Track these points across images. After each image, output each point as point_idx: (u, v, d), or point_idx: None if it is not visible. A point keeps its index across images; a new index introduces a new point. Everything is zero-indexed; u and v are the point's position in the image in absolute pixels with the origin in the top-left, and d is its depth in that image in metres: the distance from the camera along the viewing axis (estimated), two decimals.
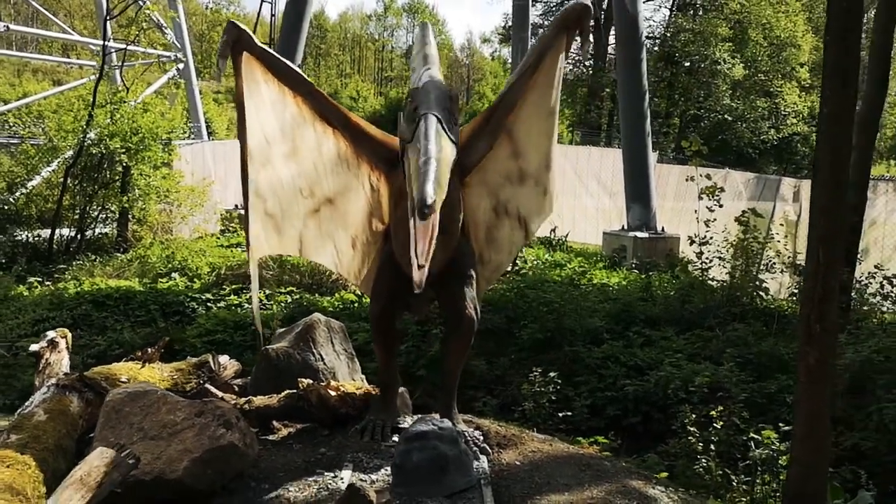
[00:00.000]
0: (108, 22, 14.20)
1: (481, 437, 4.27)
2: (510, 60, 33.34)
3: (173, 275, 11.34)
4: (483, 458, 4.04)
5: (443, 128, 3.50)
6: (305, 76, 4.49)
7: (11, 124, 16.23)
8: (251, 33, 4.33)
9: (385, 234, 4.49)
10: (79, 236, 13.07)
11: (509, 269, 12.30)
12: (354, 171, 4.46)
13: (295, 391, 4.45)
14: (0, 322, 7.37)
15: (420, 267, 3.16)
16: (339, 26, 70.18)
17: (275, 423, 4.45)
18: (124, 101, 13.34)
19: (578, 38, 4.22)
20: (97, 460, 3.08)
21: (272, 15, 21.06)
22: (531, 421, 6.48)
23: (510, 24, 34.46)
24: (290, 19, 14.73)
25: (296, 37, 14.38)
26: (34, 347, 4.69)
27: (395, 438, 4.15)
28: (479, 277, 4.40)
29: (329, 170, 4.44)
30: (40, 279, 11.05)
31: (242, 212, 5.42)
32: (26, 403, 3.98)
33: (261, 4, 20.11)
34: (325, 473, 3.82)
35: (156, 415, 3.59)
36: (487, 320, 8.91)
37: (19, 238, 12.66)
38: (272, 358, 4.87)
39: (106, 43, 14.11)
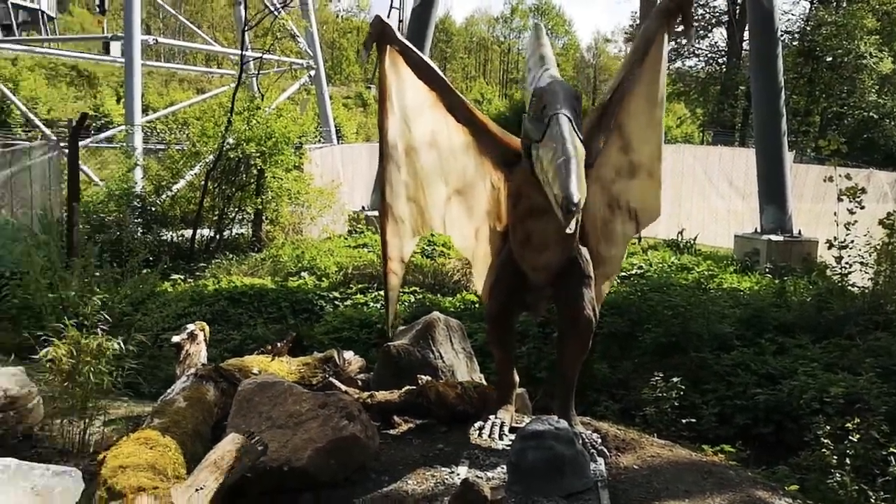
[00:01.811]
0: (245, 33, 14.91)
1: (599, 440, 4.23)
2: None
3: (303, 274, 11.79)
4: (600, 460, 4.00)
5: (573, 127, 3.52)
6: (440, 71, 4.63)
7: (160, 131, 17.29)
8: (394, 28, 4.53)
9: (503, 234, 4.53)
10: (217, 236, 13.78)
11: (632, 271, 12.06)
12: (478, 167, 4.54)
13: (414, 387, 4.56)
14: (147, 315, 7.85)
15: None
16: (464, 30, 70.82)
17: (395, 417, 4.56)
18: (259, 108, 13.98)
19: (681, 26, 4.16)
20: (230, 445, 3.26)
21: (399, 21, 21.53)
22: (652, 426, 6.34)
23: (637, 22, 33.75)
24: (417, 24, 15.02)
25: (421, 41, 14.64)
26: (175, 339, 5.01)
27: (512, 437, 4.17)
28: (597, 277, 4.37)
29: (459, 162, 4.55)
30: (183, 276, 11.72)
31: (377, 213, 5.61)
32: (168, 391, 4.26)
33: (389, 10, 20.57)
34: (442, 468, 3.89)
35: (283, 405, 3.77)
36: (610, 323, 8.78)
37: (164, 237, 13.46)
38: (393, 354, 5.00)
39: (244, 53, 14.83)
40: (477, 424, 4.37)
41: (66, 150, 12.42)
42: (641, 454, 4.21)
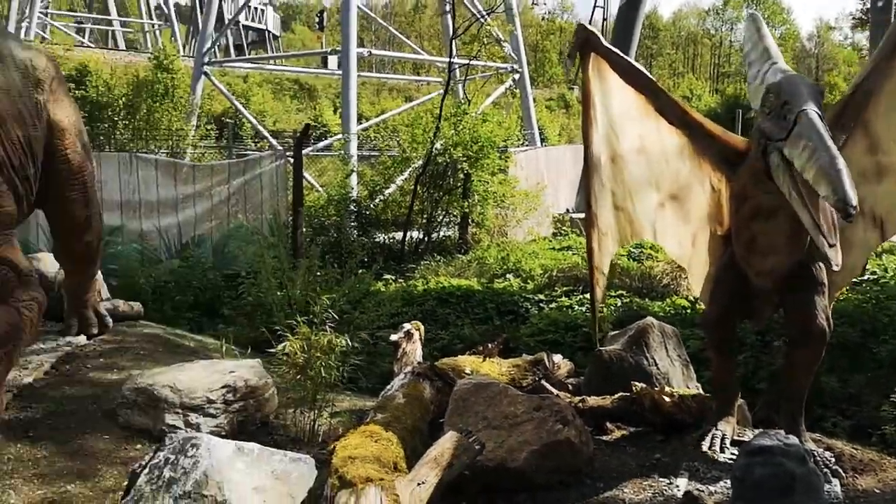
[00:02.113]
0: (453, 41, 15.34)
1: (833, 459, 3.92)
2: (867, 46, 29.93)
3: (508, 276, 11.93)
4: (835, 481, 3.71)
5: (825, 124, 3.27)
6: (648, 73, 4.52)
7: (372, 138, 18.19)
8: (598, 34, 4.48)
9: (724, 238, 4.32)
10: (426, 238, 14.29)
11: (864, 276, 11.06)
12: (695, 170, 4.36)
13: (628, 394, 4.46)
14: (364, 314, 8.29)
15: (831, 245, 3.19)
16: (672, 25, 68.56)
17: (607, 424, 4.49)
18: (466, 113, 14.33)
19: None
20: (448, 443, 3.36)
21: (604, 19, 21.23)
22: (892, 447, 5.78)
23: (868, 6, 30.93)
24: (623, 23, 14.73)
25: (628, 40, 14.35)
26: (394, 337, 5.25)
27: (734, 451, 3.97)
28: (829, 284, 4.05)
29: (672, 166, 4.40)
30: (394, 277, 12.26)
31: (582, 216, 5.58)
32: (388, 387, 4.47)
33: (593, 9, 20.34)
34: (660, 479, 3.78)
35: (498, 406, 3.83)
36: (839, 333, 8.10)
37: (377, 240, 14.15)
38: (605, 360, 4.93)
39: (451, 60, 15.26)
40: (696, 435, 4.20)
41: (292, 159, 13.43)
42: (883, 477, 3.85)
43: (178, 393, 4.54)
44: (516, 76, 22.52)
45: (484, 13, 16.21)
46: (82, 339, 5.99)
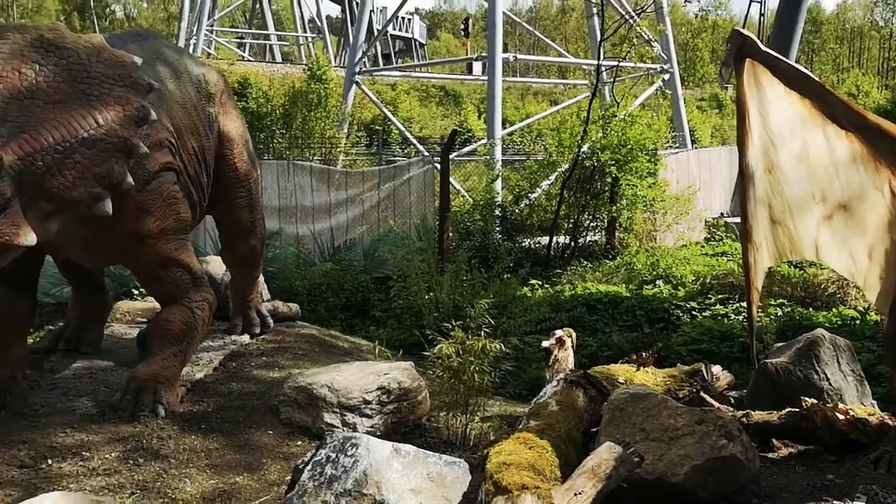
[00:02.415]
0: (602, 43, 15.09)
1: None
2: None
3: (658, 282, 11.58)
4: None
5: None
6: (813, 76, 4.23)
7: (517, 143, 18.19)
8: (755, 39, 4.23)
9: None
10: (572, 243, 14.11)
11: None
12: (872, 175, 4.05)
13: (797, 409, 4.20)
14: (511, 319, 8.29)
15: None
16: (835, 17, 64.55)
17: (774, 440, 4.26)
18: (615, 116, 14.04)
19: None
20: (606, 454, 3.28)
21: (761, 14, 20.27)
22: None
23: None
24: (785, 16, 13.97)
25: (790, 34, 13.59)
26: (545, 344, 5.20)
27: None
28: None
29: (843, 174, 4.10)
30: (540, 282, 12.18)
31: (737, 220, 5.33)
32: (540, 394, 4.43)
33: (749, 5, 19.45)
34: (834, 501, 3.53)
35: (657, 418, 3.70)
36: None
37: (523, 245, 14.10)
38: (771, 373, 4.67)
39: (600, 63, 15.01)
40: (873, 456, 3.90)
41: (439, 165, 13.64)
42: None
43: (336, 393, 4.69)
44: (666, 76, 21.87)
45: (633, 14, 15.82)
46: (246, 337, 6.31)
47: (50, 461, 3.86)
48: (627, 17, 15.61)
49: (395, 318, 9.69)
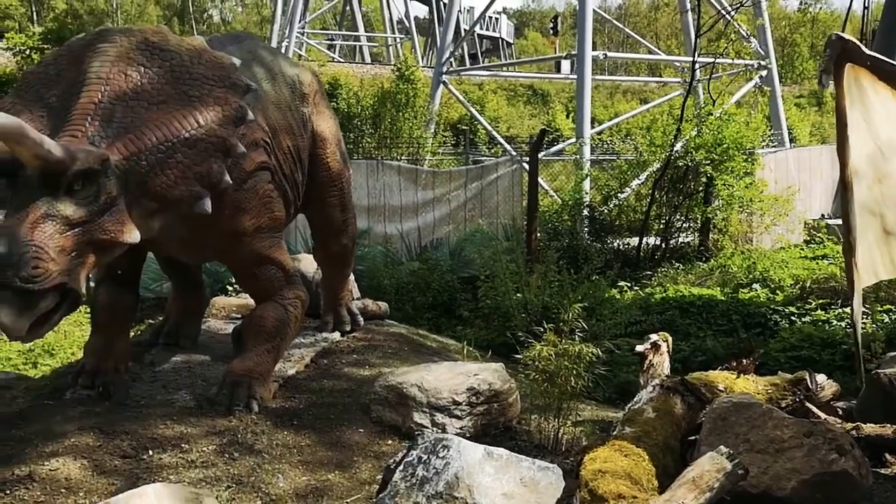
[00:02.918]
0: (697, 39, 14.67)
1: None
2: None
3: (754, 286, 11.17)
4: None
5: None
6: None
7: (607, 142, 17.89)
8: (857, 42, 3.99)
9: None
10: (663, 244, 13.77)
11: None
12: None
13: None
14: (600, 321, 8.12)
15: None
16: None
17: (887, 455, 4.01)
18: (710, 114, 13.64)
19: None
20: (708, 464, 3.14)
21: (865, 7, 19.33)
22: None
23: None
24: (892, 10, 13.23)
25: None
26: (639, 348, 5.06)
27: None
28: None
29: None
30: (629, 284, 11.93)
31: (839, 222, 5.06)
32: (635, 399, 4.29)
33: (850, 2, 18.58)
34: None
35: (761, 429, 3.53)
36: None
37: (611, 245, 13.85)
38: (884, 384, 4.41)
39: (695, 59, 14.60)
40: None
41: (527, 164, 13.52)
42: None
43: (426, 393, 4.67)
44: (763, 73, 21.11)
45: (730, 9, 15.32)
46: (336, 335, 6.37)
47: (151, 452, 3.97)
48: (725, 11, 15.12)
49: (482, 319, 9.65)
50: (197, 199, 4.02)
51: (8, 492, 3.48)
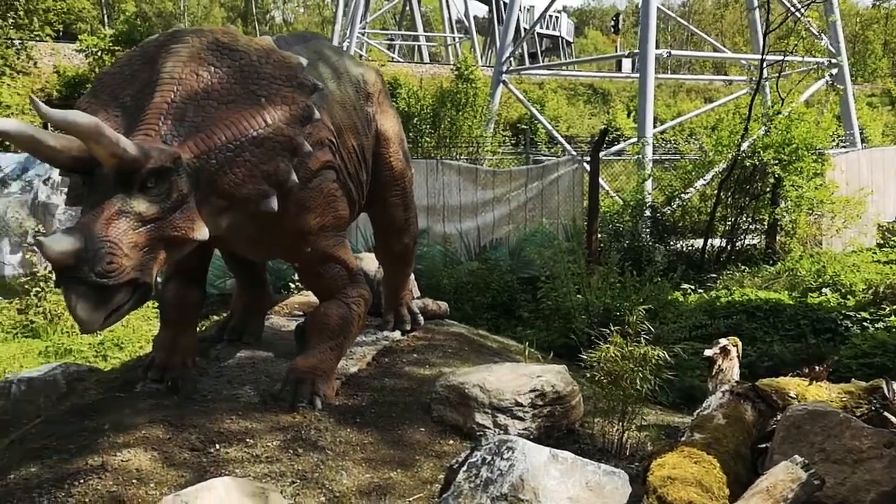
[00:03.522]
0: (765, 37, 14.29)
1: None
2: None
3: (824, 290, 10.85)
4: None
5: None
6: None
7: (671, 141, 17.58)
8: None
9: None
10: (728, 247, 13.47)
11: None
12: None
13: None
14: (664, 324, 7.98)
15: None
16: None
17: None
18: (779, 113, 13.29)
19: None
20: (782, 474, 3.04)
21: None
22: None
23: None
24: None
25: None
26: (708, 353, 4.94)
27: None
28: None
29: None
30: (693, 286, 11.70)
31: None
32: (703, 405, 4.19)
33: None
34: None
35: (838, 438, 3.41)
36: None
37: (674, 247, 13.60)
38: None
39: (763, 57, 14.23)
40: None
41: (587, 164, 13.37)
42: None
43: (488, 393, 4.64)
44: (834, 71, 20.48)
45: (800, 5, 14.89)
46: (397, 334, 6.38)
47: (217, 446, 4.03)
48: (795, 8, 14.71)
49: (542, 320, 9.57)
50: (264, 197, 4.06)
51: (82, 481, 3.57)
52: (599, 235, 12.31)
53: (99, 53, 20.68)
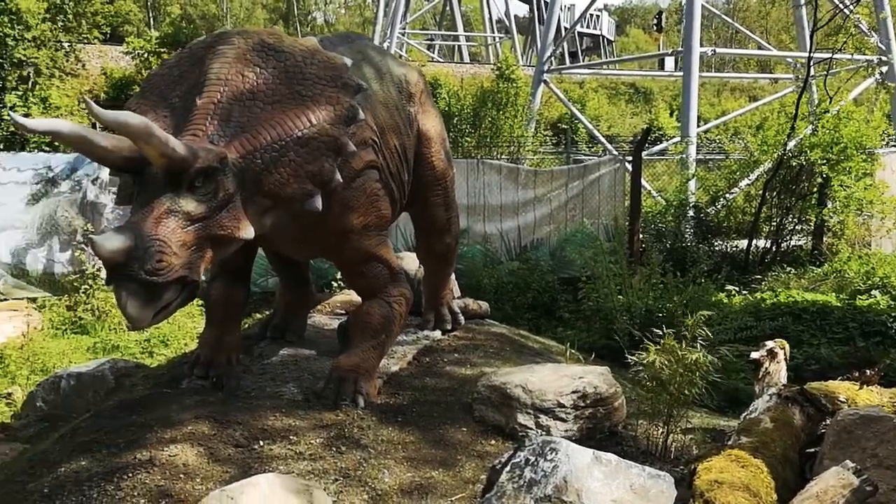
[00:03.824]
0: (813, 34, 14.02)
1: None
2: None
3: (874, 292, 10.61)
4: None
5: None
6: None
7: (716, 141, 17.34)
8: None
9: None
10: (774, 247, 13.25)
11: None
12: None
13: None
14: (709, 326, 7.84)
15: None
16: None
17: None
18: (826, 112, 13.03)
19: None
20: (833, 479, 2.98)
21: None
22: None
23: None
24: None
25: None
26: (755, 355, 4.87)
27: None
28: None
29: None
30: (737, 288, 11.52)
31: None
32: (750, 408, 4.13)
33: None
34: None
35: (892, 443, 3.33)
36: None
37: (718, 248, 13.41)
38: None
39: (811, 55, 13.96)
40: None
41: (629, 164, 13.24)
42: None
43: (530, 394, 4.62)
44: (884, 69, 20.01)
45: (849, 2, 14.57)
46: (438, 333, 6.39)
47: (261, 442, 4.07)
48: (843, 5, 14.40)
49: (583, 320, 9.51)
50: (308, 196, 4.09)
51: (131, 475, 3.63)
52: (641, 236, 12.18)
53: (145, 55, 21.05)
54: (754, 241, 13.15)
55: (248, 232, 3.89)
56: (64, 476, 3.69)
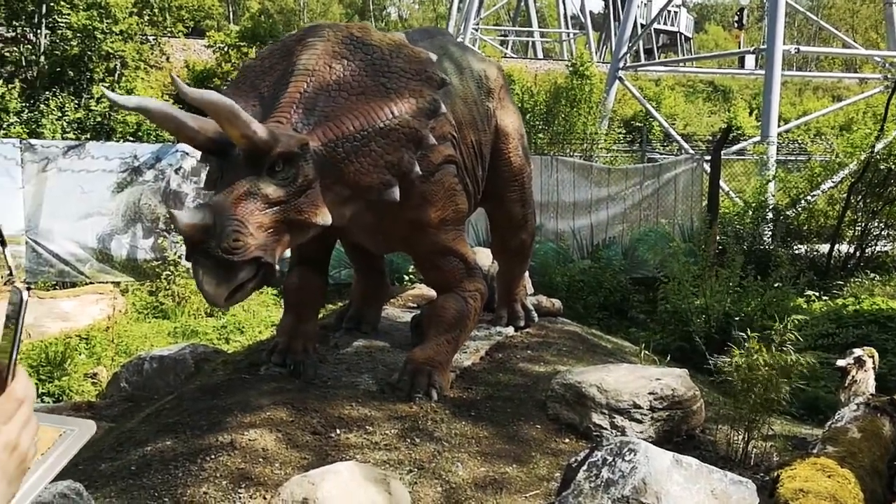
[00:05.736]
0: None
1: None
2: None
3: None
4: None
5: None
6: None
7: (799, 142, 16.84)
8: None
9: None
10: (857, 253, 12.79)
11: None
12: None
13: None
14: (789, 331, 7.62)
15: None
16: None
17: None
18: None
19: None
20: None
21: None
22: None
23: None
24: None
25: None
26: (841, 363, 4.72)
27: None
28: None
29: None
30: (818, 293, 11.16)
31: None
32: (836, 417, 4.00)
33: None
34: None
35: None
36: None
37: (798, 251, 13.02)
38: None
39: None
40: None
41: (706, 163, 12.95)
42: None
43: (605, 394, 4.56)
44: None
45: None
46: (510, 330, 6.36)
47: (338, 430, 4.13)
48: None
49: (656, 322, 9.35)
50: (387, 186, 4.13)
51: (213, 456, 3.73)
52: (719, 237, 11.91)
53: (226, 49, 21.55)
54: (836, 246, 12.71)
55: (325, 218, 3.93)
56: (150, 455, 3.81)
